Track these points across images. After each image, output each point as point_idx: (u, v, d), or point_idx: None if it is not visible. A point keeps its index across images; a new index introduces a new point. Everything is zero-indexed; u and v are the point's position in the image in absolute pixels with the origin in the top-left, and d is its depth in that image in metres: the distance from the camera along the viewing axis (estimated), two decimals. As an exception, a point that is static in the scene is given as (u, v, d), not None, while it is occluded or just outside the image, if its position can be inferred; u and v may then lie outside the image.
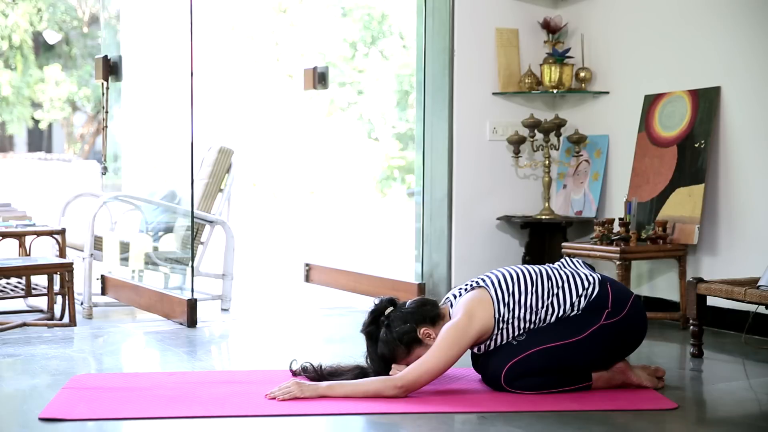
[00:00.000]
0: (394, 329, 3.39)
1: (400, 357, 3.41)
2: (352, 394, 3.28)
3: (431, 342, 3.37)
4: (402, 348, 3.39)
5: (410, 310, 3.43)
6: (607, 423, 3.06)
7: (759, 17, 4.63)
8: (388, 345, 3.40)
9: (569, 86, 5.57)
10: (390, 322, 3.41)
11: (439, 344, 3.31)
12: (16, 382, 3.58)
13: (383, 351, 3.41)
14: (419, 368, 3.29)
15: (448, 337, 3.31)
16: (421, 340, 3.39)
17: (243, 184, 15.31)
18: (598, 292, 3.40)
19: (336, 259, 6.80)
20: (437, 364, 3.29)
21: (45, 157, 16.68)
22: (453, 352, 3.30)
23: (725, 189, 4.76)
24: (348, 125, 16.10)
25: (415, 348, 3.39)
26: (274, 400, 3.24)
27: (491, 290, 3.39)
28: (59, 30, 16.93)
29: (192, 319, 4.81)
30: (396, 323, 3.40)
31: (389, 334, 3.40)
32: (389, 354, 3.41)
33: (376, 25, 16.09)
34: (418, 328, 3.39)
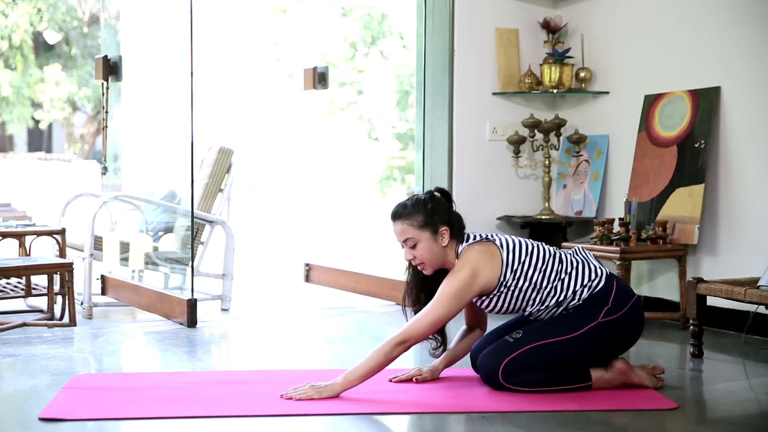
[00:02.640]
0: (431, 199, 3.44)
1: (409, 223, 3.41)
2: (367, 374, 3.29)
3: (440, 241, 3.40)
4: (420, 216, 3.40)
5: (451, 211, 3.48)
6: (607, 423, 3.06)
7: (758, 17, 4.63)
8: (414, 203, 3.44)
9: (569, 86, 5.57)
10: (430, 198, 3.46)
11: (441, 297, 3.33)
12: (16, 382, 3.58)
13: (403, 205, 3.45)
14: (420, 320, 3.32)
15: (451, 290, 3.33)
16: (437, 231, 3.40)
17: (243, 184, 15.31)
18: (603, 286, 3.41)
19: (336, 259, 6.80)
20: (438, 316, 3.32)
21: (45, 157, 16.68)
22: (453, 306, 3.34)
23: (725, 189, 4.76)
24: (348, 125, 16.10)
25: (427, 230, 3.40)
26: (290, 399, 3.24)
27: (503, 252, 3.41)
28: (59, 30, 16.93)
29: (192, 319, 4.81)
30: (433, 202, 3.44)
31: (423, 198, 3.45)
32: (404, 210, 3.43)
33: (376, 25, 16.09)
34: (443, 224, 3.42)
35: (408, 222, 3.43)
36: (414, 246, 3.42)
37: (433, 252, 3.42)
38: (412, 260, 3.46)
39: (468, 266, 3.37)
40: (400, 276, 5.81)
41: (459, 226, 3.48)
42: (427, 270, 3.46)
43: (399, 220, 3.45)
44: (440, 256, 3.44)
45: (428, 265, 3.45)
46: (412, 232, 3.42)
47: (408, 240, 3.43)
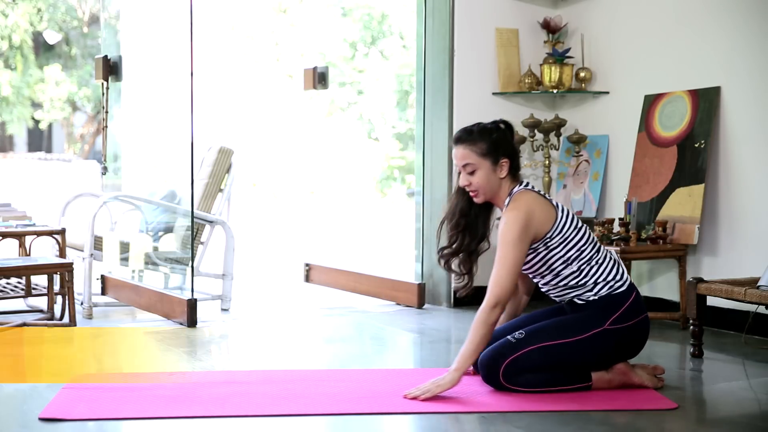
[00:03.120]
0: (496, 129, 3.46)
1: (472, 149, 3.41)
2: (477, 349, 3.29)
3: (498, 173, 3.42)
4: (484, 144, 3.41)
5: (513, 145, 3.49)
6: (607, 423, 3.06)
7: (759, 17, 4.63)
8: (480, 130, 3.45)
9: (569, 86, 5.57)
10: (495, 128, 3.48)
11: (506, 243, 3.34)
12: (16, 383, 3.57)
13: (469, 131, 3.45)
14: (498, 276, 3.32)
15: (512, 234, 3.34)
16: (497, 162, 3.42)
17: (243, 184, 15.31)
18: (622, 291, 3.42)
19: (336, 259, 6.80)
20: (512, 263, 3.33)
21: (45, 157, 16.68)
22: (519, 248, 3.34)
23: (725, 189, 4.76)
24: (348, 125, 16.11)
25: (488, 158, 3.41)
26: (415, 399, 3.25)
27: (558, 212, 3.43)
28: (59, 30, 16.94)
29: (192, 319, 4.81)
30: (498, 132, 3.46)
31: (489, 126, 3.47)
32: (469, 136, 3.43)
33: (376, 25, 16.10)
34: (505, 156, 3.44)
35: (471, 147, 3.43)
36: (473, 172, 3.43)
37: (490, 182, 3.44)
38: (468, 186, 3.46)
39: (523, 208, 3.38)
40: (400, 276, 5.82)
41: (517, 163, 3.50)
42: (479, 198, 3.47)
43: (462, 144, 3.46)
44: (495, 186, 3.45)
45: (481, 194, 3.46)
46: (473, 158, 3.43)
47: (468, 165, 3.44)
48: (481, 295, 3.47)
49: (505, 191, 3.47)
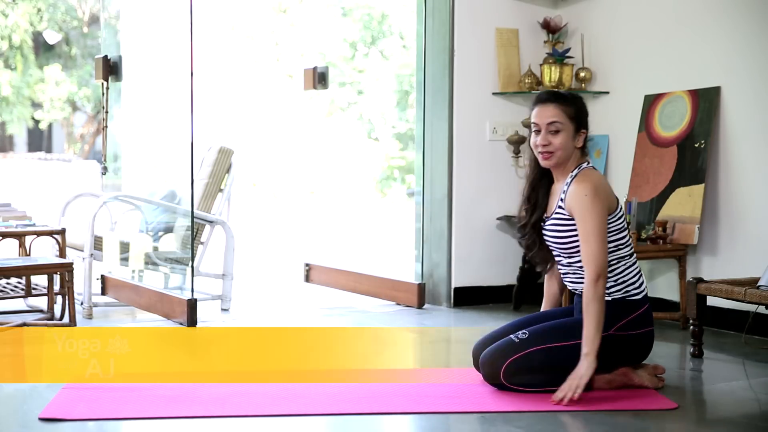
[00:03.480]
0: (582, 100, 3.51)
1: (563, 109, 3.42)
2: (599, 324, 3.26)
3: (575, 142, 3.43)
4: (574, 108, 3.43)
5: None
6: (607, 423, 3.06)
7: (759, 17, 4.63)
8: (571, 95, 3.48)
9: (569, 86, 5.57)
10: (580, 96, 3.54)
11: (592, 216, 3.32)
12: (16, 383, 3.57)
13: (559, 93, 3.49)
14: (595, 249, 3.30)
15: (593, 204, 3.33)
16: (578, 130, 3.44)
17: (243, 184, 15.31)
18: (636, 300, 3.42)
19: (336, 259, 6.80)
20: (600, 233, 3.31)
21: (45, 157, 16.68)
22: (603, 219, 3.33)
23: (725, 189, 4.76)
24: (348, 125, 16.11)
25: (573, 123, 3.43)
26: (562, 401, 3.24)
27: (618, 201, 3.46)
28: (59, 30, 16.93)
29: (192, 319, 4.80)
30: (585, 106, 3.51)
31: (578, 96, 3.52)
32: (561, 97, 3.45)
33: (376, 25, 16.09)
34: (584, 128, 3.46)
35: (563, 107, 3.44)
36: (556, 132, 3.42)
37: (567, 147, 3.43)
38: (545, 146, 3.44)
39: (597, 181, 3.38)
40: (400, 276, 5.82)
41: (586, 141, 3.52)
42: (550, 160, 3.45)
43: (553, 103, 3.45)
44: (569, 153, 3.45)
45: (555, 157, 3.44)
46: (561, 118, 3.43)
47: (554, 124, 3.42)
48: (481, 294, 3.49)
49: (573, 163, 3.46)
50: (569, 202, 3.39)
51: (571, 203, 3.38)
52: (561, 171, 3.48)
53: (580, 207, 3.35)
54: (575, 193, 3.37)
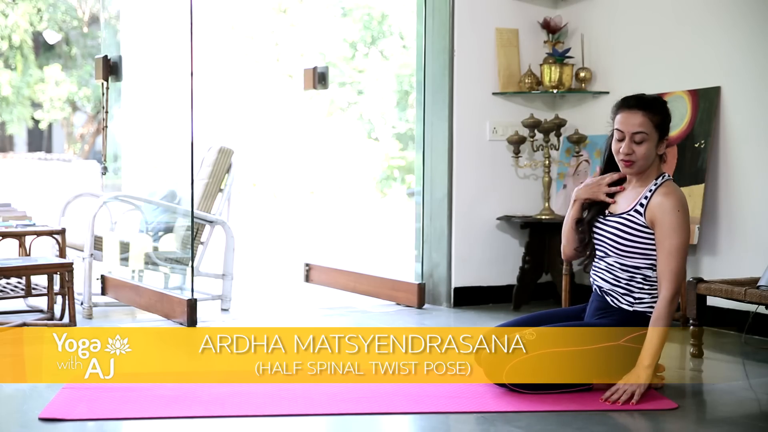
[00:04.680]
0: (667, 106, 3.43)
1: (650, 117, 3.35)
2: (662, 345, 3.26)
3: (659, 148, 3.38)
4: (661, 117, 3.37)
5: None
6: (607, 423, 3.06)
7: (759, 17, 4.63)
8: (660, 102, 3.40)
9: (569, 86, 5.57)
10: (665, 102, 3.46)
11: (679, 233, 3.29)
12: (16, 383, 3.57)
13: (648, 101, 3.39)
14: (677, 269, 3.28)
15: (683, 220, 3.31)
16: (662, 139, 3.39)
17: (243, 184, 15.31)
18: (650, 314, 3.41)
19: (336, 259, 6.80)
20: (685, 252, 3.30)
21: (45, 157, 16.68)
22: (688, 236, 3.32)
23: (725, 189, 4.76)
24: (348, 125, 16.11)
25: (658, 132, 3.36)
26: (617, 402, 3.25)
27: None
28: (59, 30, 16.93)
29: (192, 319, 4.80)
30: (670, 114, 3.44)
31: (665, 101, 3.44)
32: (650, 105, 3.36)
33: (376, 25, 16.09)
34: (667, 135, 3.41)
35: (650, 116, 3.36)
36: (641, 142, 3.35)
37: (650, 156, 3.37)
38: (628, 155, 3.37)
39: (683, 198, 3.36)
40: (400, 276, 5.82)
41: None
42: (632, 168, 3.39)
43: (642, 111, 3.37)
44: (650, 162, 3.39)
45: (637, 166, 3.39)
46: (648, 128, 3.35)
47: (639, 134, 3.35)
48: (481, 294, 3.48)
49: (654, 170, 3.41)
50: (655, 212, 3.34)
51: (657, 215, 3.34)
52: (640, 178, 3.44)
53: (671, 222, 3.31)
54: (665, 206, 3.33)
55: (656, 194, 3.37)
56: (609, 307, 3.43)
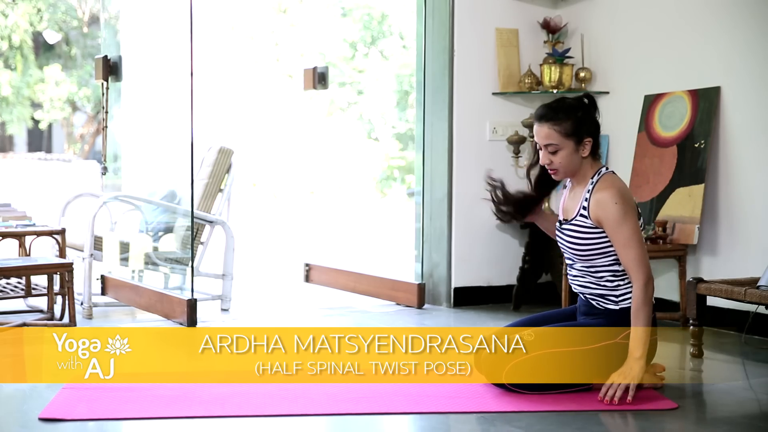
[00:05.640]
0: (581, 107, 3.38)
1: (556, 129, 3.33)
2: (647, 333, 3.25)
3: (581, 152, 3.36)
4: (569, 123, 3.33)
5: (597, 123, 3.43)
6: (607, 423, 3.06)
7: (759, 17, 4.63)
8: (566, 108, 3.35)
9: (569, 86, 5.57)
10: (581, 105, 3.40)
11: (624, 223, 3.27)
12: (16, 383, 3.57)
13: (554, 108, 3.36)
14: (639, 256, 3.26)
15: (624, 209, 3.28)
16: (581, 141, 3.36)
17: (243, 184, 15.31)
18: None
19: (336, 259, 6.80)
20: (639, 237, 3.28)
21: (45, 157, 16.68)
22: (636, 222, 3.30)
23: (725, 189, 4.76)
24: (348, 125, 16.11)
25: (572, 139, 3.34)
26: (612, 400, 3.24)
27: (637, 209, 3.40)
28: (59, 30, 16.94)
29: (192, 319, 4.80)
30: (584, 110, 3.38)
31: (574, 104, 3.38)
32: (554, 114, 3.34)
33: (376, 25, 16.10)
34: (588, 134, 3.37)
35: (555, 127, 3.34)
36: (555, 152, 3.36)
37: (572, 162, 3.37)
38: (548, 165, 3.38)
39: (621, 187, 3.34)
40: (400, 276, 5.82)
41: (599, 141, 3.43)
42: (557, 176, 3.41)
43: (547, 123, 3.36)
44: (576, 166, 3.38)
45: (561, 173, 3.40)
46: (556, 139, 3.34)
47: (550, 146, 3.35)
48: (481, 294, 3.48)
49: (588, 169, 3.41)
50: (596, 211, 3.34)
51: (599, 212, 3.33)
52: (577, 179, 3.45)
53: (613, 215, 3.30)
54: (603, 202, 3.32)
55: (594, 193, 3.37)
56: (596, 309, 3.43)
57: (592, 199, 3.36)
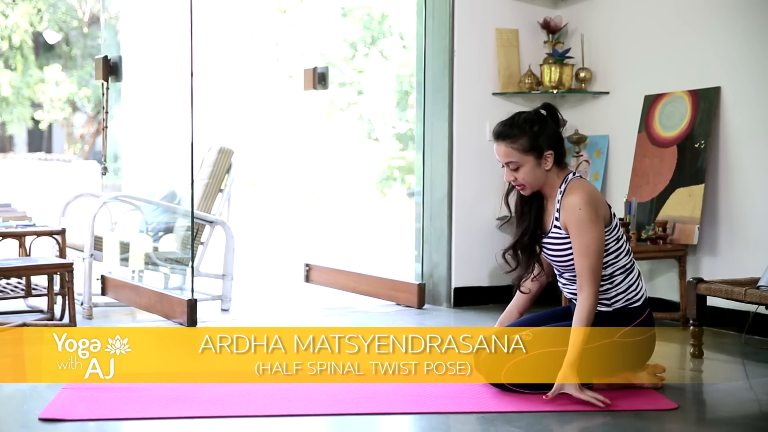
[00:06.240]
0: (538, 120, 3.34)
1: (514, 146, 3.32)
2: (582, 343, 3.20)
3: (543, 166, 3.33)
4: (526, 139, 3.31)
5: (557, 133, 3.38)
6: (607, 423, 3.06)
7: (759, 17, 4.63)
8: (520, 124, 3.34)
9: (569, 86, 5.57)
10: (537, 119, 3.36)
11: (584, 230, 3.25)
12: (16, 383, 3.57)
13: (509, 125, 3.34)
14: (592, 266, 3.25)
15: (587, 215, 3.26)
16: (541, 155, 3.33)
17: (243, 185, 15.31)
18: (637, 306, 3.41)
19: (336, 259, 6.80)
20: (597, 246, 3.25)
21: (45, 158, 16.68)
22: (599, 229, 3.27)
23: (725, 189, 4.76)
24: (348, 125, 16.11)
25: (531, 154, 3.31)
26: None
27: (611, 208, 3.38)
28: (59, 30, 16.93)
29: (192, 319, 4.81)
30: (540, 124, 3.34)
31: (530, 118, 3.35)
32: (510, 131, 3.33)
33: (376, 25, 16.09)
34: (549, 147, 3.33)
35: (513, 145, 3.34)
36: (517, 169, 3.34)
37: (536, 176, 3.34)
38: (513, 182, 3.37)
39: (588, 191, 3.30)
40: (400, 276, 5.82)
41: (563, 151, 3.40)
42: (525, 191, 3.39)
43: (503, 141, 3.35)
44: (542, 179, 3.36)
45: (528, 188, 3.37)
46: (515, 156, 3.33)
47: (511, 163, 3.35)
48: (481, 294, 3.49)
49: (555, 179, 3.38)
50: (564, 217, 3.33)
51: (566, 219, 3.33)
52: (547, 191, 3.43)
53: (575, 221, 3.29)
54: (568, 208, 3.31)
55: (563, 200, 3.36)
56: None
57: (561, 207, 3.36)
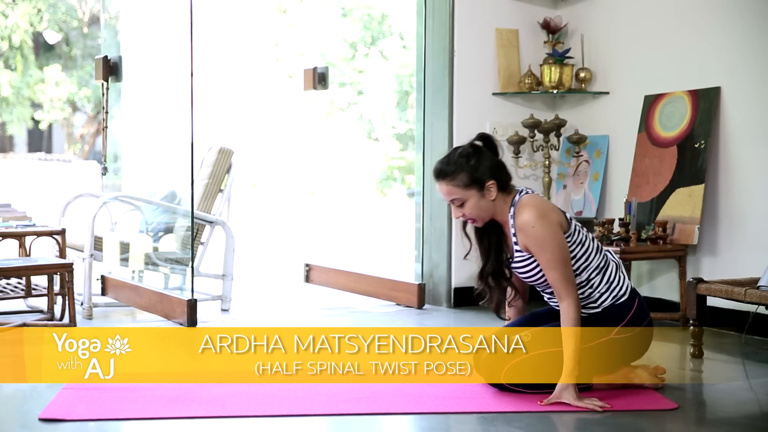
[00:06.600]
0: (474, 153, 3.33)
1: (454, 183, 3.30)
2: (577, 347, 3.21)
3: (487, 196, 3.31)
4: (464, 174, 3.29)
5: (496, 162, 3.36)
6: (607, 423, 3.06)
7: (759, 17, 4.63)
8: (456, 160, 3.32)
9: (569, 86, 5.57)
10: (473, 151, 3.34)
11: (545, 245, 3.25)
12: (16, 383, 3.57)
13: (446, 162, 3.33)
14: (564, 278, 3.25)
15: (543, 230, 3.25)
16: (483, 187, 3.31)
17: (243, 185, 15.31)
18: (624, 301, 3.40)
19: (336, 260, 6.80)
20: (562, 258, 3.25)
21: (45, 158, 16.69)
22: (560, 239, 3.26)
23: (725, 189, 4.76)
24: (348, 125, 16.11)
25: (473, 188, 3.30)
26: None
27: (566, 213, 3.37)
28: (59, 30, 16.94)
29: (192, 319, 4.80)
30: (477, 156, 3.33)
31: (466, 152, 3.33)
32: (448, 168, 3.31)
33: (376, 25, 16.10)
34: (489, 178, 3.32)
35: (453, 182, 3.32)
36: (462, 204, 3.34)
37: (482, 208, 3.33)
38: (462, 217, 3.37)
39: (535, 205, 3.29)
40: (400, 276, 5.82)
41: (506, 176, 3.38)
42: (478, 224, 3.38)
43: (443, 180, 3.34)
44: (490, 209, 3.35)
45: (479, 220, 3.37)
46: (458, 192, 3.32)
47: (455, 200, 3.34)
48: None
49: (503, 206, 3.37)
50: (521, 240, 3.33)
51: (523, 240, 3.32)
52: (499, 218, 3.40)
53: (532, 239, 3.28)
54: (523, 229, 3.30)
55: (515, 223, 3.35)
56: (582, 317, 3.42)
57: (516, 230, 3.36)
